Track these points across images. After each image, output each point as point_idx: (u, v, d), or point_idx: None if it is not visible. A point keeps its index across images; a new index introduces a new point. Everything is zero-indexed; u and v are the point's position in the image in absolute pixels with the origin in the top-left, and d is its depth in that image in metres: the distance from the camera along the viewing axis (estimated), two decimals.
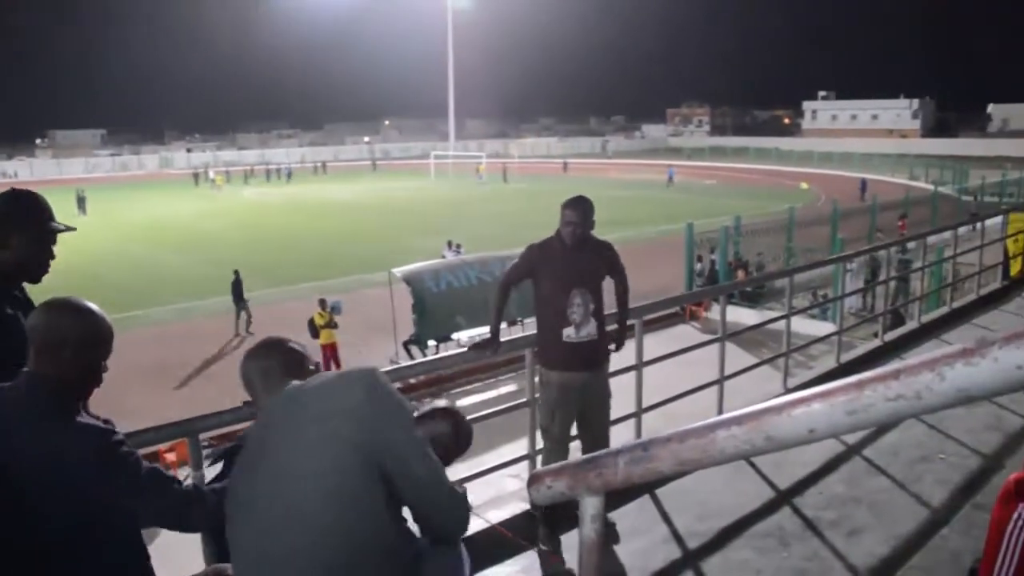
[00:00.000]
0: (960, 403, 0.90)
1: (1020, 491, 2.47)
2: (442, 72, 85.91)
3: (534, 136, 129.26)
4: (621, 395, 5.07)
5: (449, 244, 23.84)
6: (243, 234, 34.74)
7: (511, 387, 13.68)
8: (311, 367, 2.11)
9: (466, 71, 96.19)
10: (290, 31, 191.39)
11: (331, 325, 16.26)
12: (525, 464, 5.03)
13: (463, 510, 2.07)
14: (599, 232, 4.63)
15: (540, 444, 4.91)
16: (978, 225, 11.42)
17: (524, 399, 4.97)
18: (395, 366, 6.59)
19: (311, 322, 16.31)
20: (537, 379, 4.68)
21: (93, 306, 2.21)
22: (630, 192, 48.72)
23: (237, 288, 19.54)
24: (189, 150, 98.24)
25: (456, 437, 2.77)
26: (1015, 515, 2.69)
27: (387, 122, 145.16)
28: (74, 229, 2.82)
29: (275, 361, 2.04)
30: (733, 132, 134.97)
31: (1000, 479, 3.39)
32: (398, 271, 16.47)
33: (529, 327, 5.18)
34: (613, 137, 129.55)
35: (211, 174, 63.21)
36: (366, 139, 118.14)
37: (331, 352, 16.15)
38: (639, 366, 5.49)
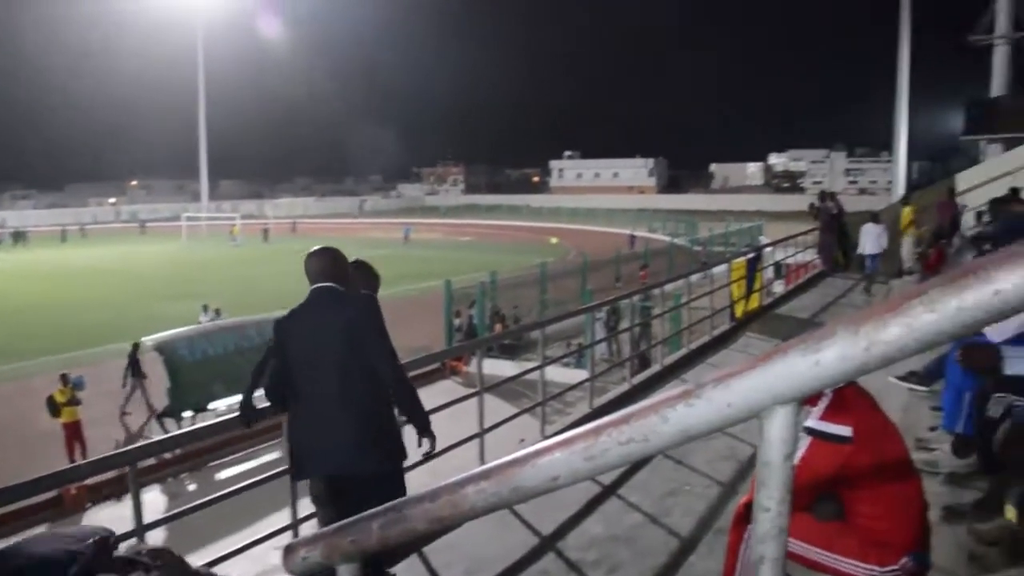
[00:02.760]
0: (683, 442, 0.98)
1: (747, 514, 2.71)
2: (193, 131, 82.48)
3: (291, 196, 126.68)
4: None
5: (205, 309, 22.72)
6: None
7: (275, 454, 13.17)
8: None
9: (219, 130, 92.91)
10: (25, 85, 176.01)
11: (73, 402, 14.80)
12: (289, 534, 4.85)
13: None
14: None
15: (303, 512, 4.78)
16: (708, 273, 12.51)
17: (284, 467, 4.81)
18: (146, 441, 6.17)
19: (50, 400, 14.81)
20: None
21: None
22: (380, 251, 48.94)
23: (134, 362, 17.20)
24: None
25: None
26: (745, 536, 2.96)
27: (134, 183, 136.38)
28: None
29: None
30: (487, 190, 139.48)
31: (735, 504, 3.69)
32: (148, 340, 15.50)
33: None
34: (371, 197, 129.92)
35: None
36: (111, 200, 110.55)
37: (73, 431, 14.70)
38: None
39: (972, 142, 28.81)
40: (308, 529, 4.61)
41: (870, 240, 15.16)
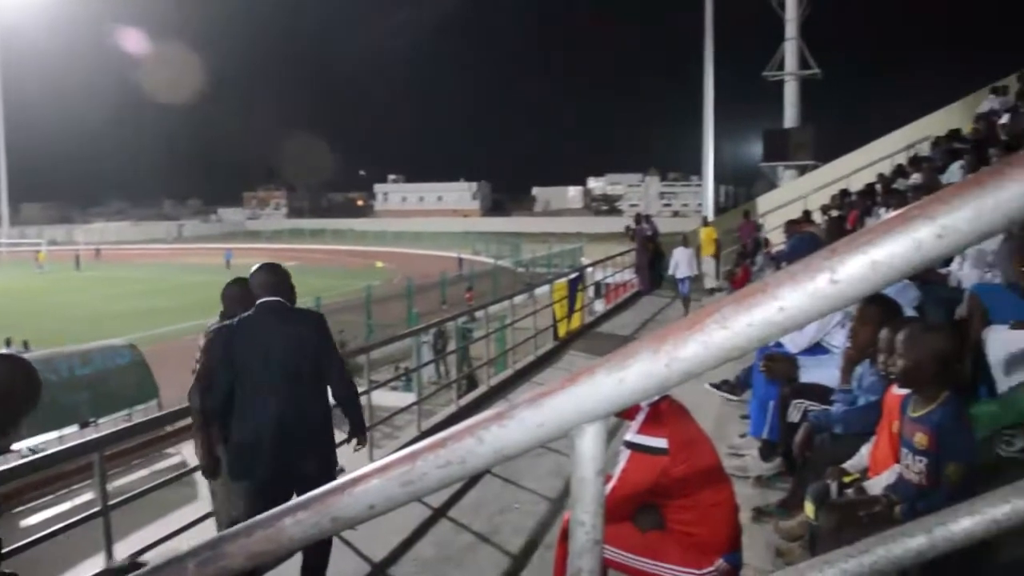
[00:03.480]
0: (500, 462, 0.99)
1: None
2: None
3: (104, 221, 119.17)
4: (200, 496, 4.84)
5: (8, 342, 20.94)
6: None
7: (87, 496, 12.30)
8: None
9: (20, 150, 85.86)
10: None
11: None
12: None
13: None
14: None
15: (119, 557, 4.51)
16: (531, 293, 12.79)
17: (96, 509, 4.52)
18: None
19: None
20: None
21: None
22: (200, 277, 47.11)
23: None
24: None
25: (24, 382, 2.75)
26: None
27: None
28: None
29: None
30: (310, 214, 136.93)
31: (562, 519, 3.79)
32: None
33: (104, 427, 4.75)
34: (189, 221, 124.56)
35: None
36: None
37: None
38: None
39: (771, 168, 31.24)
40: None
41: (682, 263, 15.46)
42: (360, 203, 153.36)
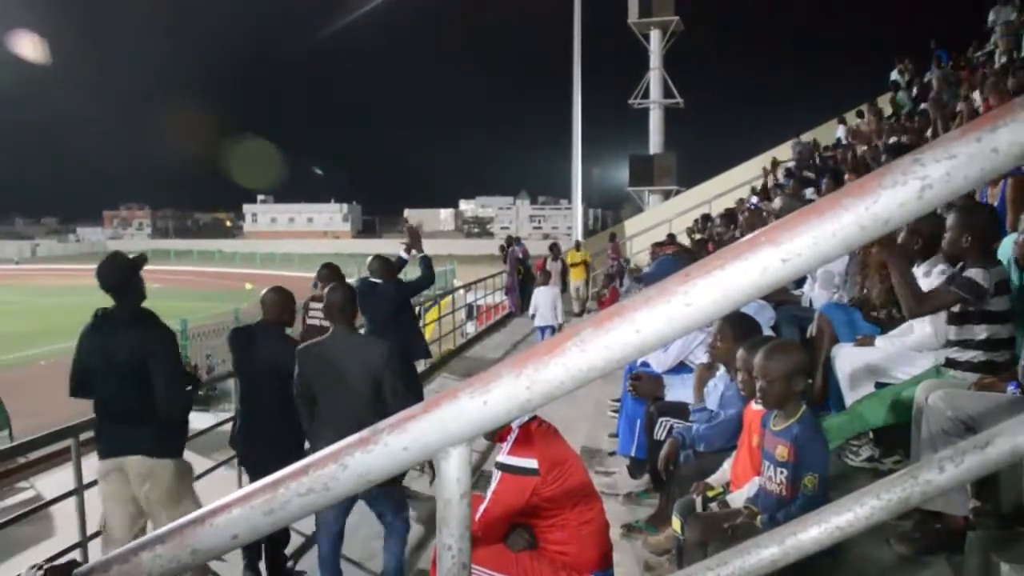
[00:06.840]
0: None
1: None
2: None
3: None
4: (67, 524, 4.56)
5: None
6: None
7: None
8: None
9: None
10: None
11: None
12: None
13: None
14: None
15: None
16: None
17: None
18: None
19: None
20: None
21: None
22: (69, 299, 44.66)
23: None
24: None
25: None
26: None
27: None
28: None
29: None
30: (175, 235, 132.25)
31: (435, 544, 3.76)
32: None
33: None
34: (44, 240, 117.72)
35: None
36: None
37: None
38: (79, 490, 4.97)
39: (637, 192, 32.26)
40: None
41: (543, 306, 12.71)
42: (228, 224, 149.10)
